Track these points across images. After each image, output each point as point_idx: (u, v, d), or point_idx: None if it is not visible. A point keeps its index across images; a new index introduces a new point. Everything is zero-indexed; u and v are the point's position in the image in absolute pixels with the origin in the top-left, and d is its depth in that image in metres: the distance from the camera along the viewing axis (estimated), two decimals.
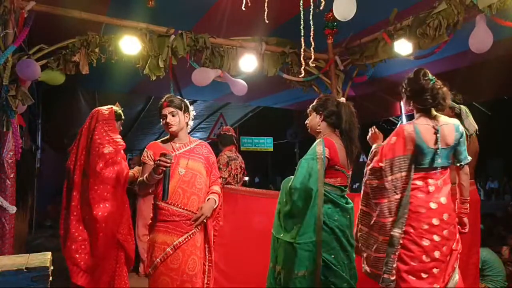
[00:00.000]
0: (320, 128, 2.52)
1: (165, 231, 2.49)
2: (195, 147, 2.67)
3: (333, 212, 2.35)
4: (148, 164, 2.57)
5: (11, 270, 1.65)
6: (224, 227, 4.05)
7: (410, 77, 2.45)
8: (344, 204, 2.41)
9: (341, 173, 2.43)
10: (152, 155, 2.57)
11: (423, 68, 2.43)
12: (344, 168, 2.43)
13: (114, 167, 2.82)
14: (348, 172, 2.48)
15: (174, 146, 2.62)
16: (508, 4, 3.07)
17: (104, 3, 3.78)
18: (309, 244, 2.24)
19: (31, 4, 3.27)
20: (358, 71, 4.69)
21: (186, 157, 2.59)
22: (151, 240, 2.53)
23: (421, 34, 3.66)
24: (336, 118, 2.50)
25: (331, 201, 2.36)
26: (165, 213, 2.50)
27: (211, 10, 3.99)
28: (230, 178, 4.21)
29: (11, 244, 3.11)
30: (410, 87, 2.42)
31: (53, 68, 3.49)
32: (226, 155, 4.28)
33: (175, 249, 2.46)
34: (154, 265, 2.46)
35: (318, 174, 2.29)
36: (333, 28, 4.34)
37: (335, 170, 2.40)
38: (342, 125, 2.46)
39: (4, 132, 3.16)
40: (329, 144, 2.39)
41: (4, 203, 3.05)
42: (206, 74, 4.08)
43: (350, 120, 2.48)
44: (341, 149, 2.42)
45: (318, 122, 2.53)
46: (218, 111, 8.74)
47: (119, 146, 2.89)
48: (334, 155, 2.38)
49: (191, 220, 2.52)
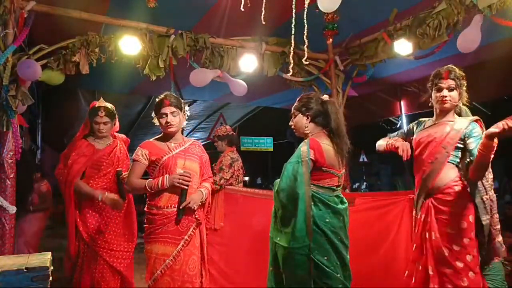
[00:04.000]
0: (308, 129, 2.45)
1: (164, 242, 2.46)
2: (190, 147, 2.65)
3: (324, 214, 2.30)
4: (141, 163, 2.51)
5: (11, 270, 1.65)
6: (225, 227, 4.08)
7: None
8: (335, 205, 2.35)
9: (330, 174, 2.35)
10: (147, 154, 2.52)
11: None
12: (332, 169, 2.35)
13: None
14: (339, 172, 2.40)
15: (170, 146, 2.59)
16: (508, 4, 3.07)
17: (104, 3, 3.77)
18: (304, 248, 2.22)
19: (31, 4, 3.26)
20: (358, 71, 4.69)
21: (183, 157, 2.57)
22: (150, 251, 2.48)
23: (421, 34, 3.66)
24: (324, 118, 2.42)
25: (321, 203, 2.30)
26: (162, 218, 2.47)
27: (211, 10, 3.98)
28: (233, 179, 4.21)
29: (11, 244, 3.10)
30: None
31: (53, 68, 3.49)
32: (229, 156, 4.27)
33: (176, 258, 2.46)
34: (155, 277, 2.43)
35: (303, 177, 2.24)
36: (333, 29, 4.34)
37: (322, 171, 2.33)
38: (331, 124, 2.39)
39: (4, 132, 3.16)
40: (314, 145, 2.31)
41: (4, 203, 3.05)
42: (204, 75, 4.08)
43: (338, 118, 2.40)
44: (328, 149, 2.35)
45: (306, 124, 2.45)
46: (218, 111, 8.74)
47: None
48: (320, 156, 2.30)
49: (179, 207, 2.47)
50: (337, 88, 4.73)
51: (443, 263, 2.37)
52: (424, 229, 2.49)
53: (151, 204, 2.52)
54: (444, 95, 2.48)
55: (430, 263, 2.41)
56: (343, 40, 4.52)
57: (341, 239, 2.33)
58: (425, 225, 2.48)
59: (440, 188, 2.44)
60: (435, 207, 2.46)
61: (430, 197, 2.49)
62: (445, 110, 2.53)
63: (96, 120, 3.12)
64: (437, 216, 2.44)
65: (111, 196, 3.01)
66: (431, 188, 2.48)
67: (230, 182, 4.17)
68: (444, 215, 2.42)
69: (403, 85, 6.48)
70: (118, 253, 3.02)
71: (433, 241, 2.42)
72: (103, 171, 3.11)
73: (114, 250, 3.00)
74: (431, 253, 2.42)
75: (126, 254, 3.05)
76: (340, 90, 4.74)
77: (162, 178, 2.46)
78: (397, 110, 7.08)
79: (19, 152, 3.21)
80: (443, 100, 2.48)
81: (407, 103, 6.76)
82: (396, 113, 7.22)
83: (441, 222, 2.42)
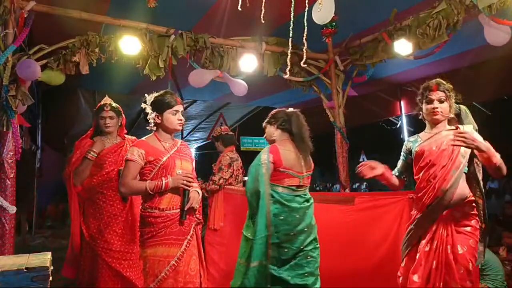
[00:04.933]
0: (275, 136, 2.82)
1: (168, 244, 2.40)
2: (181, 147, 2.61)
3: (279, 212, 2.63)
4: (137, 163, 2.41)
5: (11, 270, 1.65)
6: (224, 227, 4.08)
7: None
8: (293, 204, 2.65)
9: (288, 174, 2.68)
10: (144, 154, 2.43)
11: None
12: (291, 170, 2.68)
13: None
14: (301, 173, 2.72)
15: (165, 146, 2.53)
16: (508, 4, 3.07)
17: (104, 3, 3.78)
18: (262, 238, 2.54)
19: (31, 4, 3.27)
20: (358, 71, 4.69)
21: (178, 158, 2.53)
22: (153, 255, 2.40)
23: (421, 34, 3.66)
24: (288, 125, 2.79)
25: (278, 202, 2.64)
26: (166, 221, 2.41)
27: (211, 10, 3.99)
28: (232, 179, 4.20)
29: (11, 244, 3.10)
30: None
31: (53, 68, 3.49)
32: (228, 156, 4.26)
33: (180, 259, 2.42)
34: (159, 279, 2.36)
35: (264, 177, 2.60)
36: (332, 28, 4.33)
37: (280, 172, 2.66)
38: (294, 129, 2.76)
39: (4, 132, 3.16)
40: (273, 150, 2.69)
41: (4, 203, 3.05)
42: (203, 76, 4.08)
43: (300, 125, 2.78)
44: (287, 153, 2.70)
45: (273, 131, 2.84)
46: (218, 111, 8.73)
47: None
48: (278, 159, 2.66)
49: (183, 209, 2.43)
50: (337, 88, 4.73)
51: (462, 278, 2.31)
52: (443, 242, 2.38)
53: (152, 207, 2.43)
54: (435, 106, 2.48)
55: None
56: (343, 40, 4.52)
57: (293, 235, 2.63)
58: (443, 238, 2.38)
59: (461, 200, 2.40)
60: (455, 219, 2.40)
61: (449, 209, 2.41)
62: (437, 122, 2.52)
63: (102, 115, 3.17)
64: (457, 228, 2.38)
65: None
66: (451, 200, 2.39)
67: (230, 181, 4.17)
68: (467, 228, 2.38)
69: (403, 85, 6.49)
70: (117, 253, 3.00)
71: (459, 256, 2.32)
72: (105, 169, 3.10)
73: (113, 250, 2.99)
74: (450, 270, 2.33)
75: (126, 255, 3.02)
76: (340, 90, 4.74)
77: (165, 179, 2.41)
78: (397, 110, 7.09)
79: (19, 152, 3.21)
80: (434, 112, 2.48)
81: (407, 103, 6.77)
82: (396, 113, 7.23)
83: (463, 234, 2.37)
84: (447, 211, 2.41)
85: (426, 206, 2.44)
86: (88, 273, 3.03)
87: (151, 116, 2.55)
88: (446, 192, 2.37)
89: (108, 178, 3.09)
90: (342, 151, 4.71)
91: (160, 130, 2.56)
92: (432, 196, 2.41)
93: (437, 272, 2.34)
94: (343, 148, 4.71)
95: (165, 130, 2.55)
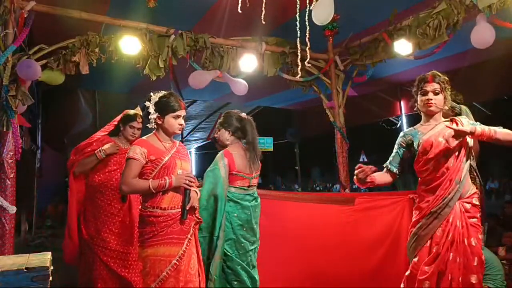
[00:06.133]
0: (229, 141, 3.04)
1: (170, 243, 2.40)
2: (179, 148, 2.62)
3: (233, 209, 2.89)
4: (139, 161, 2.41)
5: (11, 270, 1.65)
6: None
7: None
8: (244, 202, 2.92)
9: (240, 177, 2.94)
10: (146, 153, 2.43)
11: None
12: (242, 173, 2.94)
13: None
14: (251, 175, 2.97)
15: (166, 146, 2.54)
16: (508, 4, 3.07)
17: (104, 3, 3.78)
18: (216, 236, 2.79)
19: (31, 4, 3.27)
20: (358, 71, 4.69)
21: (178, 158, 2.55)
22: (154, 254, 2.38)
23: (421, 34, 3.67)
24: (241, 132, 3.03)
25: (232, 201, 2.89)
26: (167, 220, 2.41)
27: (211, 10, 3.99)
28: None
29: (11, 244, 3.11)
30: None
31: (53, 68, 3.49)
32: None
33: (181, 258, 2.42)
34: (160, 279, 2.35)
35: (221, 180, 2.85)
36: (333, 29, 4.34)
37: (233, 175, 2.91)
38: (247, 137, 3.01)
39: (4, 132, 3.16)
40: (227, 155, 2.92)
41: (4, 203, 3.05)
42: (203, 77, 4.08)
43: (254, 134, 3.03)
44: (239, 157, 2.94)
45: (227, 137, 3.04)
46: (218, 111, 8.73)
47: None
48: (232, 163, 2.90)
49: (184, 208, 2.44)
50: (337, 88, 4.73)
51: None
52: (460, 235, 2.38)
53: (153, 206, 2.43)
54: (429, 98, 2.47)
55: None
56: (343, 40, 4.52)
57: (245, 230, 2.90)
58: (459, 230, 2.38)
59: (470, 190, 2.44)
60: (467, 211, 2.40)
61: (461, 199, 2.42)
62: (431, 113, 2.52)
63: (133, 124, 3.28)
64: (468, 221, 2.39)
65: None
66: (464, 191, 2.42)
67: None
68: (475, 220, 2.40)
69: (403, 85, 6.49)
70: (114, 252, 3.01)
71: (474, 248, 2.34)
72: (108, 167, 3.15)
73: (110, 249, 3.00)
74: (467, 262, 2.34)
75: (122, 255, 3.03)
76: (340, 90, 4.74)
77: (169, 178, 2.42)
78: (397, 110, 7.10)
79: (19, 152, 3.21)
80: (429, 103, 2.47)
81: (407, 103, 6.77)
82: (396, 113, 7.24)
83: (473, 227, 2.39)
84: (459, 202, 2.41)
85: (442, 198, 2.40)
86: (88, 273, 3.04)
87: (152, 116, 2.54)
88: (461, 183, 2.39)
89: (109, 177, 3.13)
90: (342, 151, 4.71)
91: (160, 130, 2.57)
92: (447, 187, 2.40)
93: (454, 264, 2.33)
94: (343, 148, 4.71)
95: (164, 131, 2.56)
